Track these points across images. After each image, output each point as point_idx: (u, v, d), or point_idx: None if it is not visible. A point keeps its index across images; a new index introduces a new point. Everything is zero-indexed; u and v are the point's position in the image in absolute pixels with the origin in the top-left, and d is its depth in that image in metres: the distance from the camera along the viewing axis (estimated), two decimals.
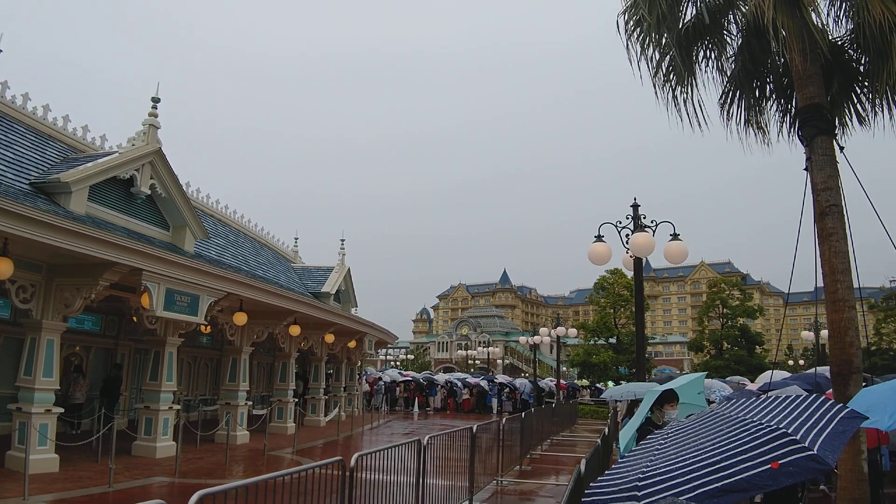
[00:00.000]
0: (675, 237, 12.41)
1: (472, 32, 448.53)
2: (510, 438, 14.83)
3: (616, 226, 13.29)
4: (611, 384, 51.82)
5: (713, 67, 9.34)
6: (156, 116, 15.60)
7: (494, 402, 38.29)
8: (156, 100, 15.69)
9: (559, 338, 37.37)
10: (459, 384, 40.57)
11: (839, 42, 8.47)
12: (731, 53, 9.34)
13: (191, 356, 23.53)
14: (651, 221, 13.14)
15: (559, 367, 43.60)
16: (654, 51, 9.04)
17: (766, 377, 16.34)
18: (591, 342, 61.18)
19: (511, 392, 40.03)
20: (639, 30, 9.04)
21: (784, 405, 3.10)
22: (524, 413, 18.10)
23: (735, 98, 9.46)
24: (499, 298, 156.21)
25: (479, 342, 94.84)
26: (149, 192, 15.48)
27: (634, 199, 13.39)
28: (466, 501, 10.69)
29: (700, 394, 8.62)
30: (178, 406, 16.03)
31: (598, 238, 12.88)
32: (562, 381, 44.85)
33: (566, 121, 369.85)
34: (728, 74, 9.42)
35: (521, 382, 43.01)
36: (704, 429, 3.13)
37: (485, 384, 40.29)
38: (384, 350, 75.39)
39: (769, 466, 2.48)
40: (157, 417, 14.93)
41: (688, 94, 9.10)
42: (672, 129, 9.36)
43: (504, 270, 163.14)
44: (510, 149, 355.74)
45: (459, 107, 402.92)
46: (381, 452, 8.03)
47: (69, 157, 15.13)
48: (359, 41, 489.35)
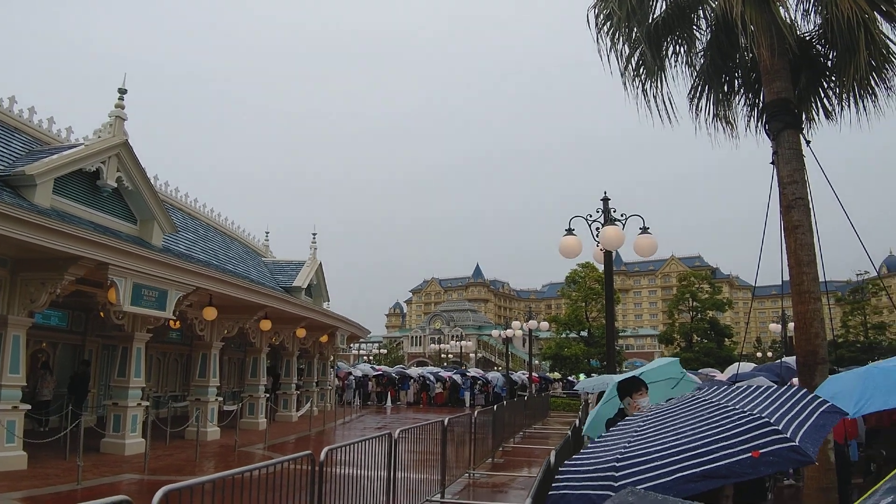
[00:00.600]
0: (645, 231, 12.49)
1: (441, 15, 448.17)
2: (482, 431, 14.87)
3: (587, 219, 13.33)
4: (582, 377, 52.19)
5: (683, 62, 9.39)
6: (122, 108, 15.35)
7: (467, 396, 38.42)
8: (122, 91, 15.43)
9: (531, 331, 37.52)
10: (432, 378, 40.61)
11: (807, 37, 8.57)
12: (701, 48, 9.39)
13: (160, 352, 23.25)
14: (621, 215, 13.19)
15: (531, 361, 43.77)
16: (624, 45, 9.07)
17: (733, 369, 16.58)
18: (563, 335, 61.66)
19: (484, 385, 40.19)
20: (609, 23, 9.06)
21: (765, 395, 3.12)
22: (496, 406, 18.16)
23: (704, 92, 9.52)
24: (472, 292, 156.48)
25: (453, 336, 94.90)
26: (115, 185, 15.24)
27: (605, 193, 13.44)
28: (438, 494, 10.70)
29: (679, 376, 8.54)
30: (147, 402, 15.84)
31: (569, 232, 12.91)
32: (534, 374, 45.07)
33: (535, 108, 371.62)
34: (697, 69, 9.47)
35: (494, 376, 43.21)
36: (685, 413, 3.15)
37: (458, 378, 40.39)
38: (357, 344, 75.20)
39: (750, 455, 2.49)
40: (126, 414, 14.71)
41: (657, 89, 9.13)
42: (642, 123, 9.39)
43: (477, 264, 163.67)
44: (481, 135, 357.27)
45: (429, 92, 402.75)
46: (352, 446, 8.00)
47: (34, 150, 14.82)
48: (326, 21, 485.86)
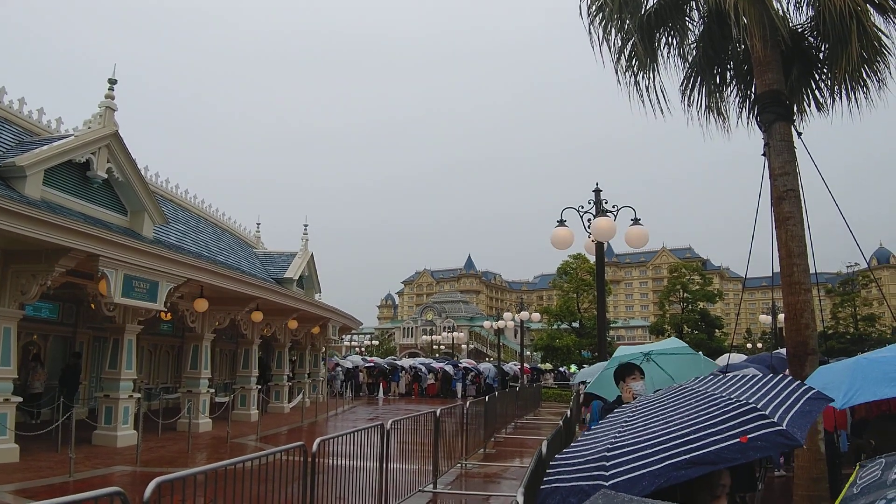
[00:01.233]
0: (637, 222, 12.52)
1: (437, 18, 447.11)
2: (474, 422, 14.90)
3: (578, 211, 13.36)
4: (574, 367, 52.41)
5: (675, 53, 9.38)
6: (112, 98, 15.25)
7: (459, 387, 38.45)
8: (112, 81, 15.32)
9: (523, 322, 37.66)
10: (424, 369, 40.60)
11: (799, 29, 8.58)
12: (693, 40, 9.39)
13: (151, 344, 23.18)
14: (613, 206, 13.24)
15: (523, 352, 43.92)
16: (617, 36, 9.06)
17: (724, 360, 16.64)
18: (555, 326, 61.79)
19: (475, 376, 40.25)
20: (601, 14, 9.05)
21: (752, 383, 3.15)
22: (488, 397, 18.19)
23: (696, 84, 9.52)
24: (463, 284, 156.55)
25: (444, 327, 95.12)
26: (105, 176, 15.15)
27: (597, 185, 13.48)
28: (430, 485, 10.74)
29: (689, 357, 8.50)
30: (139, 394, 15.79)
31: (561, 223, 12.94)
32: (526, 365, 45.21)
33: (530, 110, 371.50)
34: (689, 61, 9.47)
35: (486, 367, 43.30)
36: (673, 402, 3.17)
37: (449, 369, 40.42)
38: (349, 336, 75.22)
39: (738, 440, 2.51)
40: (118, 406, 14.68)
41: (650, 80, 9.13)
42: (634, 117, 9.39)
43: (469, 256, 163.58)
44: (476, 136, 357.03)
45: (424, 94, 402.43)
46: (344, 437, 8.02)
47: (24, 141, 14.72)
48: (321, 24, 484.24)
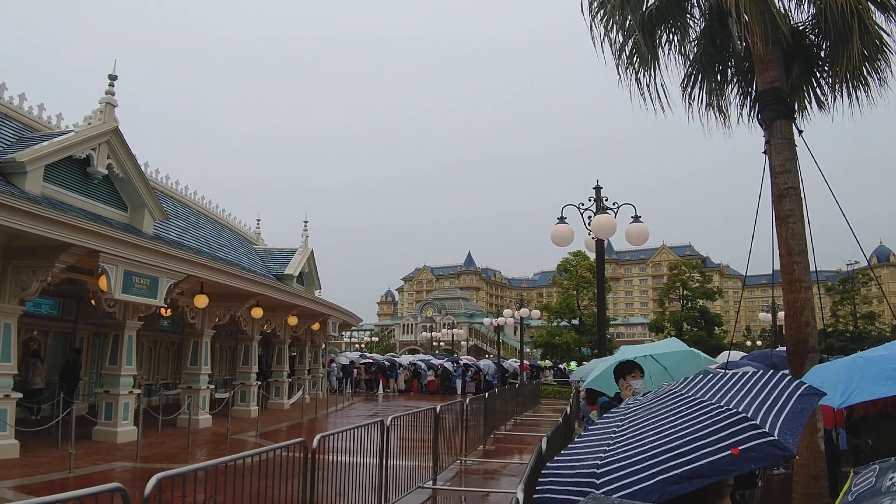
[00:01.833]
0: (637, 219, 12.51)
1: (437, 18, 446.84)
2: (474, 419, 14.92)
3: (578, 208, 13.34)
4: (573, 364, 52.40)
5: (676, 50, 9.39)
6: (113, 94, 15.23)
7: (459, 383, 38.49)
8: (113, 77, 15.30)
9: (523, 319, 37.59)
10: (424, 366, 40.60)
11: (800, 27, 8.58)
12: (694, 37, 9.39)
13: (151, 340, 23.19)
14: (613, 204, 13.23)
15: (523, 349, 43.90)
16: (618, 33, 9.06)
17: (724, 357, 16.65)
18: (555, 324, 61.71)
19: (475, 373, 40.27)
20: (602, 11, 9.05)
21: (741, 383, 3.09)
22: (488, 394, 18.21)
23: (697, 81, 9.53)
24: (463, 281, 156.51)
25: (444, 324, 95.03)
26: (106, 172, 15.15)
27: (597, 182, 13.46)
28: (430, 481, 10.75)
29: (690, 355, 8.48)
30: (139, 390, 15.79)
31: (561, 220, 12.93)
32: (525, 362, 45.21)
33: (530, 110, 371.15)
34: (690, 58, 9.47)
35: (485, 363, 43.28)
36: (663, 409, 3.11)
37: (449, 365, 40.43)
38: (348, 332, 75.23)
39: (729, 452, 2.46)
40: (118, 402, 14.69)
41: (651, 77, 9.14)
42: (635, 115, 9.41)
43: (469, 253, 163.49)
44: (477, 136, 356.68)
45: (424, 94, 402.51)
46: (344, 434, 8.03)
47: (25, 137, 14.71)
48: (324, 24, 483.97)
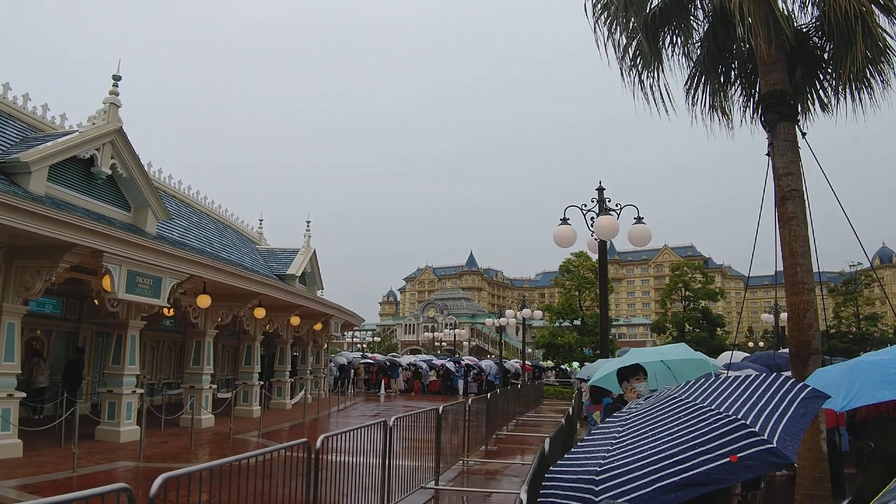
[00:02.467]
0: (639, 220, 12.53)
1: (429, 11, 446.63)
2: (476, 419, 14.94)
3: (581, 209, 13.37)
4: (576, 365, 52.38)
5: (679, 52, 9.39)
6: (117, 95, 15.26)
7: (461, 384, 38.48)
8: (117, 77, 15.33)
9: (525, 320, 37.62)
10: (425, 366, 40.58)
11: (804, 29, 8.58)
12: (697, 39, 9.40)
13: (154, 339, 23.22)
14: (616, 205, 13.25)
15: (525, 349, 43.93)
16: (622, 35, 9.08)
17: (726, 358, 16.66)
18: (557, 324, 61.73)
19: (477, 373, 40.27)
20: (606, 13, 9.07)
21: (743, 388, 3.07)
22: (490, 394, 18.23)
23: (700, 83, 9.53)
24: (465, 281, 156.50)
25: (446, 324, 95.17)
26: (109, 172, 15.18)
27: (600, 183, 13.48)
28: (432, 482, 10.77)
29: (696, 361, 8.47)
30: (142, 390, 15.83)
31: (564, 221, 12.95)
32: (527, 363, 45.22)
33: (532, 94, 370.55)
34: (694, 59, 9.48)
35: (487, 364, 43.31)
36: (662, 416, 3.10)
37: (451, 366, 40.43)
38: (350, 332, 75.23)
39: (728, 460, 2.47)
40: (121, 402, 14.72)
41: (654, 79, 9.15)
42: (638, 113, 9.40)
43: (471, 253, 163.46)
44: (474, 123, 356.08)
45: (424, 79, 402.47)
46: (348, 434, 8.05)
47: (29, 137, 14.74)
48: (321, 5, 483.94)
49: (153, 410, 15.49)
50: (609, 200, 13.30)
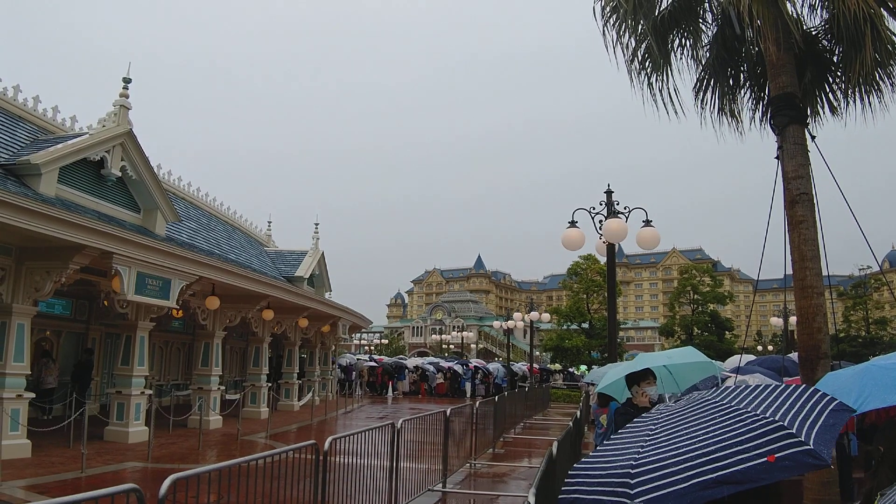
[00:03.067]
0: (648, 223, 12.50)
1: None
2: (483, 422, 14.92)
3: (590, 212, 13.34)
4: (583, 368, 52.28)
5: (688, 55, 9.38)
6: (127, 97, 15.36)
7: (468, 386, 38.43)
8: (127, 80, 15.43)
9: (532, 322, 37.57)
10: (432, 368, 40.48)
11: (813, 32, 8.56)
12: (706, 42, 9.39)
13: (163, 341, 23.31)
14: (624, 208, 13.21)
15: (532, 352, 43.85)
16: (630, 38, 9.07)
17: (734, 361, 16.60)
18: (564, 327, 61.47)
19: (485, 376, 40.23)
20: (615, 16, 9.06)
21: (775, 395, 3.11)
22: (497, 397, 18.20)
23: (709, 86, 9.52)
24: (473, 283, 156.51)
25: (454, 327, 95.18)
26: (119, 174, 15.27)
27: (608, 186, 13.46)
28: (440, 484, 10.77)
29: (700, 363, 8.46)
30: (151, 391, 15.89)
31: (572, 224, 12.94)
32: (535, 366, 45.14)
33: (540, 90, 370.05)
34: (703, 63, 9.47)
35: (495, 367, 43.29)
36: (695, 417, 3.15)
37: (458, 368, 40.37)
38: (358, 334, 75.34)
39: (765, 459, 2.48)
40: (129, 402, 14.78)
41: (663, 82, 9.14)
42: (647, 114, 9.39)
43: (479, 255, 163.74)
44: (484, 118, 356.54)
45: (432, 71, 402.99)
46: (356, 436, 8.06)
47: (39, 139, 14.85)
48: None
49: (161, 411, 15.52)
50: (618, 203, 13.27)
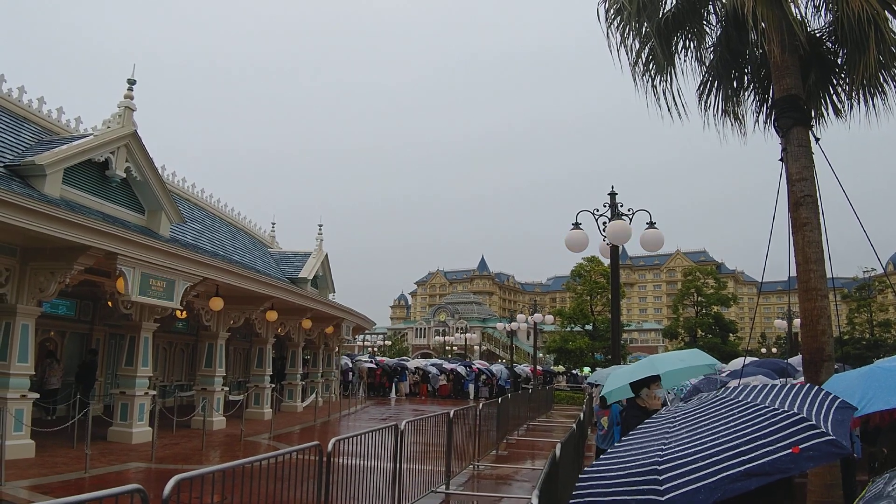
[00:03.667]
0: (652, 225, 12.49)
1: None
2: (487, 424, 14.92)
3: (593, 214, 13.33)
4: (587, 370, 52.24)
5: (692, 57, 9.37)
6: (132, 98, 15.40)
7: (471, 388, 38.41)
8: (131, 82, 15.47)
9: (536, 324, 37.56)
10: (435, 370, 40.40)
11: (817, 34, 8.54)
12: (710, 44, 9.37)
13: (166, 341, 23.35)
14: (628, 210, 13.20)
15: (536, 354, 43.83)
16: (634, 40, 9.06)
17: (737, 363, 16.57)
18: (568, 329, 61.50)
19: (488, 378, 40.19)
20: (619, 18, 9.05)
21: (785, 391, 3.18)
22: (501, 399, 18.21)
23: (713, 88, 9.51)
24: (476, 285, 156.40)
25: (457, 328, 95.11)
26: (124, 176, 15.31)
27: (612, 188, 13.45)
28: (443, 486, 10.77)
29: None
30: (154, 392, 15.92)
31: (576, 225, 12.93)
32: (538, 367, 45.11)
33: (542, 90, 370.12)
34: (707, 65, 9.45)
35: (498, 368, 43.26)
36: (716, 413, 3.20)
37: (462, 370, 40.32)
38: (362, 336, 75.34)
39: (790, 451, 2.52)
40: (133, 403, 14.81)
41: (667, 84, 9.13)
42: (650, 118, 9.40)
43: (482, 257, 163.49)
44: (484, 118, 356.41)
45: (434, 72, 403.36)
46: (359, 437, 8.07)
47: (44, 140, 14.90)
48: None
49: (165, 412, 15.55)
50: (621, 205, 13.26)
